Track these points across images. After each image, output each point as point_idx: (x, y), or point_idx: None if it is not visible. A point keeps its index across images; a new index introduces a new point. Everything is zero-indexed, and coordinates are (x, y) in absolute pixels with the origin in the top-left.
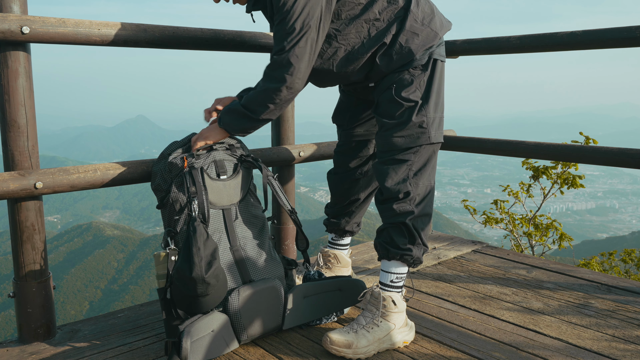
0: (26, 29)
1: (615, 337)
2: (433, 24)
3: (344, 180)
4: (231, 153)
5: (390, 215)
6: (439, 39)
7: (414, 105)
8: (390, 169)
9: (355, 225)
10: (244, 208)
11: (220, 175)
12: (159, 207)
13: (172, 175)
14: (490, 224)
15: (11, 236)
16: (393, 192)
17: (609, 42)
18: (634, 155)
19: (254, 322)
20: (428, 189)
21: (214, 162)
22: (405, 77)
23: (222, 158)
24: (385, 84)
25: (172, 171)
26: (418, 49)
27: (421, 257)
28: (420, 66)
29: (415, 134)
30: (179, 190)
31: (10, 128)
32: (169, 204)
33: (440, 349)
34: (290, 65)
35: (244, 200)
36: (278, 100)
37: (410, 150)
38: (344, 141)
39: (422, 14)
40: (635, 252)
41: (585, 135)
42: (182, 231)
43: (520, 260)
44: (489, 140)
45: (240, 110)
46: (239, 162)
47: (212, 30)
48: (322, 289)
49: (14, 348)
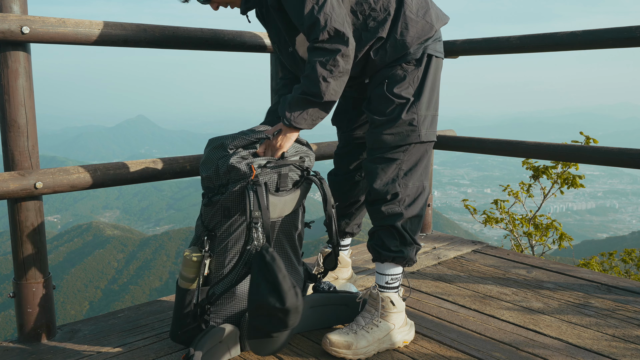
0: (26, 29)
1: (615, 337)
2: (428, 15)
3: (344, 182)
4: (297, 166)
5: (379, 218)
6: (435, 32)
7: (404, 102)
8: (379, 169)
9: (356, 226)
10: (290, 220)
11: (279, 190)
12: (206, 204)
13: (229, 177)
14: (490, 223)
15: (11, 236)
16: (381, 194)
17: (609, 42)
18: (634, 155)
19: None
20: (419, 190)
21: (277, 175)
22: (397, 72)
23: (287, 172)
24: (378, 79)
25: (231, 172)
26: (412, 42)
27: (414, 257)
28: (414, 61)
29: (405, 131)
30: (237, 199)
31: (10, 128)
32: (218, 205)
33: (440, 349)
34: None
35: (292, 213)
36: (336, 71)
37: (400, 149)
38: (344, 143)
39: (416, 5)
40: (635, 252)
41: (585, 135)
42: (220, 237)
43: (520, 260)
44: (489, 140)
45: (301, 98)
46: (301, 179)
47: (212, 30)
48: (330, 302)
49: (14, 348)
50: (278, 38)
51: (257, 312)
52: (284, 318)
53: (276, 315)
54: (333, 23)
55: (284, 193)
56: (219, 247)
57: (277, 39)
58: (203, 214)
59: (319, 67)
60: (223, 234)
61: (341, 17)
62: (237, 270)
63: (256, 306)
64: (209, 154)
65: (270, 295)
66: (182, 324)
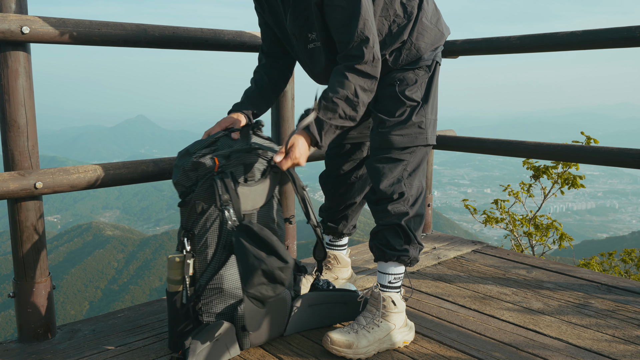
0: (26, 29)
1: (615, 337)
2: (440, 24)
3: (339, 184)
4: (262, 155)
5: (385, 217)
6: (444, 41)
7: (416, 105)
8: (386, 169)
9: (352, 227)
10: (265, 212)
11: (247, 180)
12: (180, 205)
13: (197, 175)
14: (490, 223)
15: (11, 236)
16: (387, 193)
17: (609, 42)
18: (634, 155)
19: (259, 330)
20: (420, 190)
21: (243, 166)
22: (409, 75)
23: (252, 162)
24: (387, 80)
25: (198, 170)
26: (427, 49)
27: (417, 257)
28: (426, 67)
29: (414, 133)
30: (206, 192)
31: (10, 128)
32: (190, 203)
33: (440, 349)
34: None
35: (266, 205)
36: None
37: (407, 150)
38: (336, 144)
39: (431, 12)
40: (635, 252)
41: (586, 135)
42: (199, 234)
43: (520, 260)
44: (489, 140)
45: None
46: (268, 166)
47: (212, 30)
48: (328, 300)
49: (14, 348)
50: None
51: (257, 280)
52: (286, 277)
53: (279, 277)
54: (376, 47)
55: (252, 183)
56: (199, 245)
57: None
58: (181, 217)
59: (361, 93)
60: (201, 231)
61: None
62: (218, 256)
63: (257, 274)
64: (176, 162)
65: (270, 257)
66: (177, 328)
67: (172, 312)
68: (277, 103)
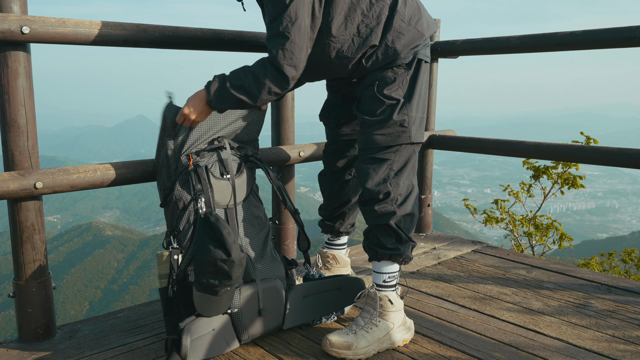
0: (26, 29)
1: (615, 337)
2: (420, 24)
3: (334, 181)
4: (236, 152)
5: (373, 217)
6: (425, 40)
7: (395, 103)
8: (370, 169)
9: (350, 225)
10: (247, 208)
11: (224, 174)
12: (162, 205)
13: (177, 173)
14: (490, 223)
15: (11, 236)
16: (374, 193)
17: (609, 42)
18: (634, 155)
19: (255, 321)
20: (409, 189)
21: (218, 161)
22: (388, 74)
23: (227, 157)
24: (368, 81)
25: (178, 168)
26: (403, 49)
27: (410, 254)
28: (404, 65)
29: (396, 132)
30: (183, 188)
31: (10, 128)
32: (172, 202)
33: (440, 349)
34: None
35: (247, 200)
36: (280, 91)
37: (391, 149)
38: (331, 140)
39: (409, 13)
40: (635, 252)
41: (586, 135)
42: (184, 230)
43: (520, 260)
44: (489, 140)
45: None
46: (243, 161)
47: (212, 30)
48: (322, 289)
49: (14, 348)
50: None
51: (204, 269)
52: (229, 270)
53: (222, 269)
54: (296, 50)
55: (229, 177)
56: (184, 241)
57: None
58: (165, 219)
59: (269, 82)
60: (185, 226)
61: (304, 44)
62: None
63: (205, 263)
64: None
65: (216, 249)
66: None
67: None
68: (277, 103)
